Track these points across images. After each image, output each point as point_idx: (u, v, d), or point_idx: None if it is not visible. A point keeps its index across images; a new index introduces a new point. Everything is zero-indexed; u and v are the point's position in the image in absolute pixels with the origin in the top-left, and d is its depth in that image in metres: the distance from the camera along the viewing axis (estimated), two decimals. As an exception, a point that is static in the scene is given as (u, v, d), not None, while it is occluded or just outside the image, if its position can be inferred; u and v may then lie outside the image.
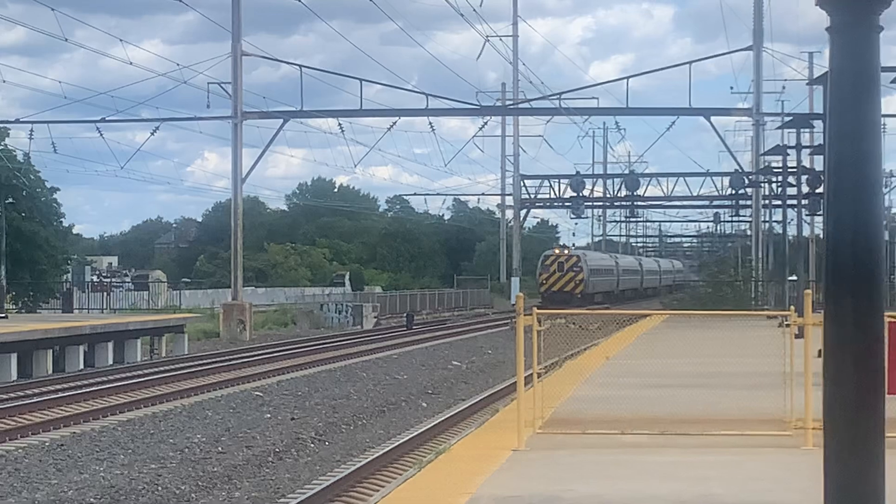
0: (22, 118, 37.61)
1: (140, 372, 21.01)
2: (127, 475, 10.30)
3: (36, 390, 17.38)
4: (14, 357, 19.48)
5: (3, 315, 26.61)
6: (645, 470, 7.05)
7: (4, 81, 32.44)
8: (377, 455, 11.19)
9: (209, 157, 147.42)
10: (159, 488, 9.93)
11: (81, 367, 21.73)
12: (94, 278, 49.19)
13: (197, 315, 33.02)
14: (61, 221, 39.06)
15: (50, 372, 20.70)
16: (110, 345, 23.49)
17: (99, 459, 11.12)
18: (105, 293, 42.07)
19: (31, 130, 34.62)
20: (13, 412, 14.28)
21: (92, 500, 9.36)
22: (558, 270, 47.01)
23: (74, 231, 52.67)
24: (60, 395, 16.27)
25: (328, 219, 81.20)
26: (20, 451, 11.57)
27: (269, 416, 14.85)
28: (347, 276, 59.99)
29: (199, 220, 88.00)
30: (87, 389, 17.25)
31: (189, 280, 58.49)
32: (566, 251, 49.75)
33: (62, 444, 11.97)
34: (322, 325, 38.18)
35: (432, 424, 13.67)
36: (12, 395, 16.64)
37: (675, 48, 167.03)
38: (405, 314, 40.82)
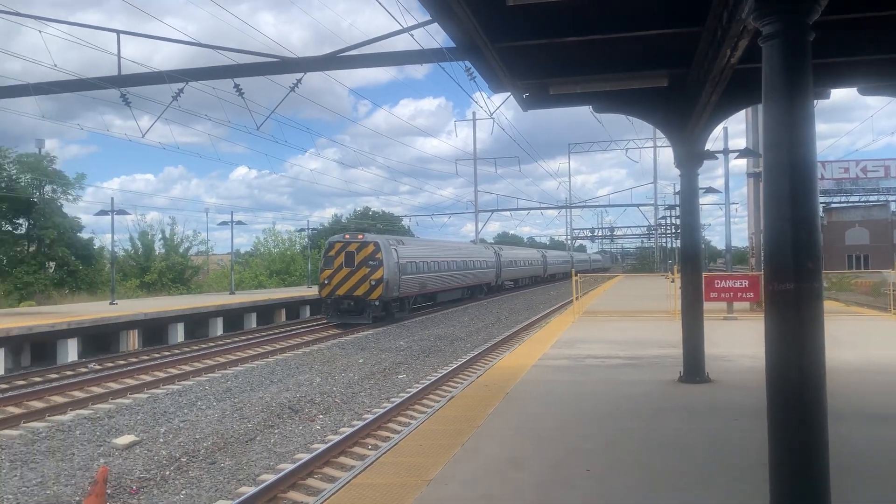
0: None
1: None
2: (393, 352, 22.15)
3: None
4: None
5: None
6: (617, 328, 19.47)
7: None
8: (507, 334, 23.81)
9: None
10: (400, 364, 21.76)
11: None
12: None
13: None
14: None
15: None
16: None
17: (361, 350, 22.84)
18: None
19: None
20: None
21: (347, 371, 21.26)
22: (346, 265, 28.75)
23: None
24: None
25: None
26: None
27: (466, 318, 27.30)
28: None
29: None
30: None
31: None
32: (359, 236, 29.86)
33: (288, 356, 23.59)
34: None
35: (528, 322, 26.53)
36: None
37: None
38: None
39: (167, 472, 9.71)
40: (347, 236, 30.05)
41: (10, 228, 44.09)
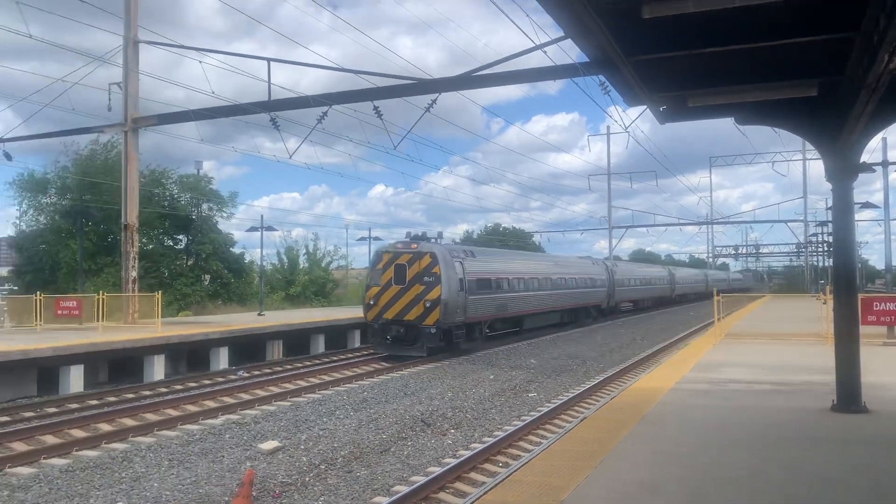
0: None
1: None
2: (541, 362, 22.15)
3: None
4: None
5: None
6: (763, 351, 18.40)
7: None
8: (643, 356, 23.23)
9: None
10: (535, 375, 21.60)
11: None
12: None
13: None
14: None
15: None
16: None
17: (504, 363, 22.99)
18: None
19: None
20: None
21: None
22: (395, 281, 23.32)
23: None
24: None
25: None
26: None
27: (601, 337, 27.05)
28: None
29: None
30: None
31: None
32: (412, 246, 23.74)
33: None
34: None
35: (665, 344, 25.79)
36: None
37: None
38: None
39: (307, 479, 10.14)
40: (399, 246, 24.10)
41: (172, 244, 48.00)
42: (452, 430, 13.28)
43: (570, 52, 51.18)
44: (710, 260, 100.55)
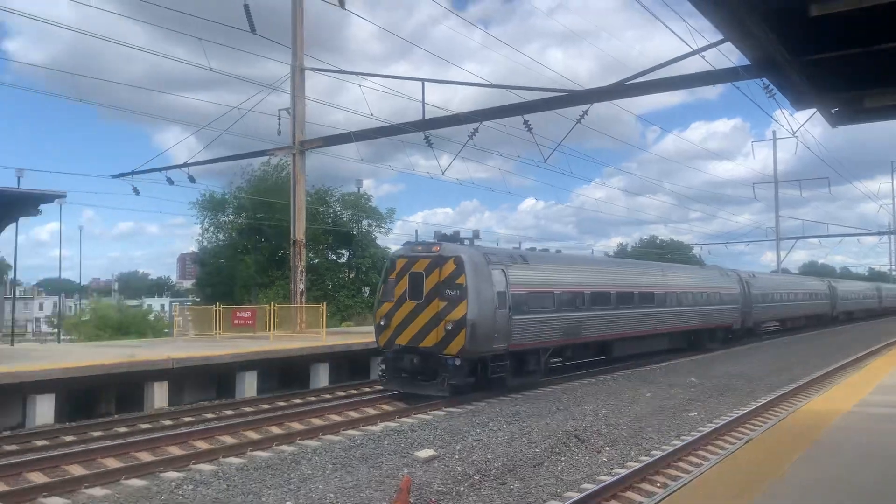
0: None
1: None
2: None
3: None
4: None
5: None
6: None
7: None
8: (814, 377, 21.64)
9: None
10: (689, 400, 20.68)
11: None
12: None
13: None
14: None
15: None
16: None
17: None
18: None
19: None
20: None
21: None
22: (411, 295, 17.75)
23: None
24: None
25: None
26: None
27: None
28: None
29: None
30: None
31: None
32: (434, 249, 17.95)
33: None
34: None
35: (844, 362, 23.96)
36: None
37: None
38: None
39: (461, 489, 10.30)
40: (419, 248, 18.40)
41: (335, 258, 50.69)
42: (607, 448, 13.00)
43: (729, 55, 48.89)
44: (894, 273, 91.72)
